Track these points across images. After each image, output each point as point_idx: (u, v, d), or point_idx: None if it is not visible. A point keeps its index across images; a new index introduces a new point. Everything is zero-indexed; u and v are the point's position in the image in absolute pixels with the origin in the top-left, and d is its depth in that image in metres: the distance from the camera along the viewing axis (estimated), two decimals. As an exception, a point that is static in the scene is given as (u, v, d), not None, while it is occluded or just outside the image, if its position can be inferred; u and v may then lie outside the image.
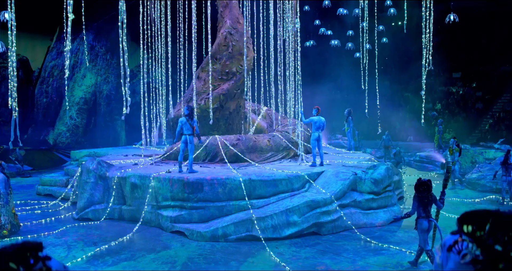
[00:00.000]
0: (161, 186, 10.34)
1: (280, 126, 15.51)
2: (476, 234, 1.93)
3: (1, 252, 1.82)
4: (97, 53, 29.66)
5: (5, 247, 1.84)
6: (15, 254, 1.86)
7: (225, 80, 14.34)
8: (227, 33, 14.49)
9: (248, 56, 14.30)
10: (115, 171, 11.41)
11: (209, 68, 14.03)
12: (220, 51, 14.50)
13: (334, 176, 10.90)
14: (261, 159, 12.98)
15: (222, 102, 14.19)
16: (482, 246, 1.89)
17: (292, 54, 13.37)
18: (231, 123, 14.63)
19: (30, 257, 1.89)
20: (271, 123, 16.27)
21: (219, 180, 10.11)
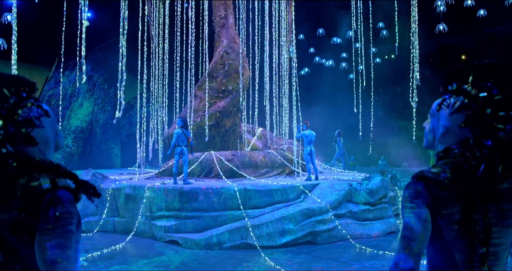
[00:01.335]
0: (155, 196, 10.26)
1: (275, 145, 15.59)
2: (461, 89, 1.96)
3: None
4: (95, 83, 29.92)
5: (1, 73, 1.82)
6: (9, 82, 1.83)
7: (221, 98, 14.51)
8: (223, 52, 14.76)
9: (244, 75, 14.53)
10: (110, 183, 11.35)
11: (205, 86, 14.22)
12: (216, 70, 14.74)
13: (330, 187, 10.88)
14: (256, 175, 12.96)
15: (218, 119, 14.30)
16: (469, 97, 1.93)
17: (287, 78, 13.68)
18: (226, 141, 14.69)
19: (23, 91, 1.86)
20: (266, 143, 16.34)
21: (214, 189, 10.07)
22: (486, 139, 1.83)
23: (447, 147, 1.98)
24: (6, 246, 1.73)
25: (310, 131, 12.36)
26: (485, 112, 1.84)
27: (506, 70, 1.87)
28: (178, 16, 15.50)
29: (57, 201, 1.70)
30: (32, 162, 1.78)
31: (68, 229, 1.69)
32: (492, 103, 1.84)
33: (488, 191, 1.82)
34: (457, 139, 1.96)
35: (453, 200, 1.86)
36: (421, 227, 1.82)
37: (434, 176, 1.89)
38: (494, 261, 1.88)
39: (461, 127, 1.92)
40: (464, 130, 1.93)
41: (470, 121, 1.89)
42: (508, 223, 1.88)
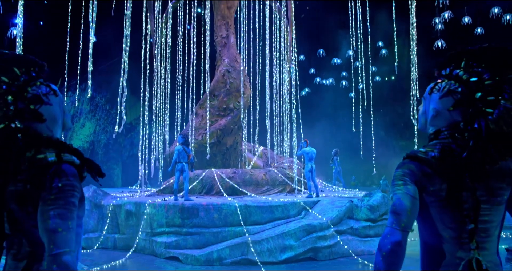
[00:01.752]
0: (156, 212, 10.25)
1: (276, 164, 15.62)
2: (453, 73, 2.03)
3: (7, 55, 1.88)
4: (97, 104, 30.15)
5: (13, 53, 1.90)
6: (20, 62, 1.91)
7: (223, 116, 14.62)
8: (225, 71, 14.94)
9: (245, 93, 14.67)
10: (111, 199, 11.34)
11: (207, 105, 14.35)
12: (218, 88, 14.90)
13: (330, 203, 10.87)
14: (257, 192, 12.96)
15: (219, 137, 14.38)
16: (460, 81, 2.00)
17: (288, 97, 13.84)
18: (227, 159, 14.73)
19: (33, 71, 1.95)
20: (267, 161, 16.37)
21: (214, 205, 10.06)
22: (474, 123, 1.90)
23: (437, 129, 2.06)
24: (12, 217, 1.81)
25: (310, 148, 12.42)
26: (474, 96, 1.91)
27: (497, 55, 1.94)
28: (180, 36, 15.75)
29: (61, 174, 1.78)
30: (39, 137, 1.87)
31: (70, 201, 1.76)
32: (482, 87, 1.92)
33: (475, 171, 1.88)
34: (447, 122, 2.03)
35: (441, 178, 1.92)
36: (409, 203, 1.91)
37: (423, 155, 1.97)
38: (485, 238, 1.93)
39: (450, 110, 2.00)
40: (453, 114, 2.01)
41: (459, 104, 1.98)
42: (497, 200, 1.95)
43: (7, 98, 1.83)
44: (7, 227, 1.84)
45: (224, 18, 15.69)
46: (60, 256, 1.67)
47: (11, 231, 1.85)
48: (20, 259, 1.85)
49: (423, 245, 2.07)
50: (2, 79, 1.83)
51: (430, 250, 2.02)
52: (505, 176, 1.96)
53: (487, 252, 1.94)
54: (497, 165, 1.92)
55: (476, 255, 1.87)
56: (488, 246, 1.95)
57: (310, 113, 22.77)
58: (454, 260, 1.92)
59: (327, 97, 24.44)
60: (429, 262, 2.02)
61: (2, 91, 1.82)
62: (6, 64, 1.86)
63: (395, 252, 1.84)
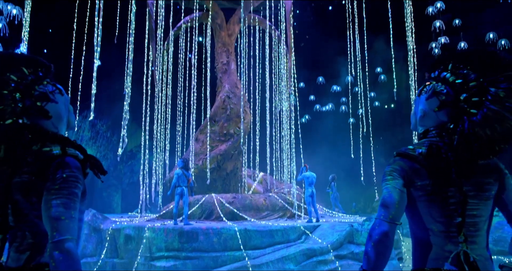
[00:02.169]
0: (155, 237, 10.20)
1: (276, 189, 15.61)
2: (441, 75, 2.13)
3: (17, 56, 1.98)
4: (98, 131, 30.30)
5: (22, 53, 1.99)
6: (28, 62, 2.02)
7: (223, 141, 14.71)
8: (225, 96, 15.13)
9: (246, 119, 14.80)
10: (110, 223, 11.30)
11: (207, 130, 14.46)
12: (218, 114, 15.05)
13: (331, 228, 10.83)
14: (257, 218, 12.91)
15: (220, 162, 14.42)
16: (446, 83, 2.09)
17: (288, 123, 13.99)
18: (228, 184, 14.73)
19: (40, 71, 2.05)
20: (267, 187, 16.35)
21: (214, 229, 10.03)
22: (458, 123, 2.01)
23: (426, 129, 2.17)
24: (17, 209, 1.89)
25: (310, 173, 12.47)
26: (460, 98, 2.01)
27: (482, 57, 2.03)
28: (181, 63, 15.98)
29: (65, 165, 1.87)
30: (45, 133, 1.97)
31: (73, 191, 1.84)
32: (467, 89, 2.02)
33: (462, 166, 1.97)
34: (435, 122, 2.13)
35: (428, 173, 2.02)
36: (397, 196, 2.01)
37: (411, 152, 2.09)
38: (474, 232, 2.00)
39: (435, 111, 2.11)
40: (439, 114, 2.11)
41: (443, 105, 2.08)
42: (485, 195, 2.03)
43: (15, 95, 1.93)
44: (11, 219, 1.90)
45: (225, 45, 15.98)
46: (63, 243, 1.73)
47: (15, 223, 1.91)
48: (22, 250, 1.90)
49: (414, 240, 2.14)
50: (11, 78, 1.93)
51: (420, 244, 2.08)
52: (492, 172, 2.05)
53: (476, 246, 2.00)
54: (483, 162, 2.01)
55: (464, 248, 1.93)
56: (478, 240, 2.01)
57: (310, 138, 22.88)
58: (443, 253, 1.98)
59: (327, 123, 24.58)
60: (420, 256, 2.07)
61: (11, 89, 1.93)
62: (15, 64, 1.97)
63: (382, 242, 1.93)
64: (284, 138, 14.98)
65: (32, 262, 1.89)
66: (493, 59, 2.02)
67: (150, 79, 14.21)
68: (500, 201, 2.10)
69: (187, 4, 16.55)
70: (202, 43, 17.23)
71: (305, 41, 25.48)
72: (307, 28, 24.35)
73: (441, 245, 2.01)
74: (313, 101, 24.31)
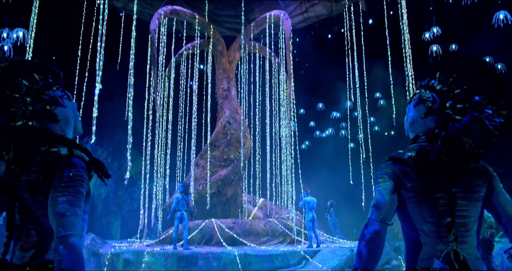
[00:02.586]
0: (154, 261, 10.14)
1: (276, 215, 15.56)
2: (429, 84, 2.23)
3: (29, 62, 2.09)
4: (99, 157, 30.30)
5: (34, 60, 2.09)
6: (39, 69, 2.13)
7: (223, 167, 14.75)
8: (226, 122, 15.26)
9: (246, 144, 14.89)
10: (109, 248, 11.23)
11: (207, 155, 14.53)
12: (219, 139, 15.15)
13: (331, 253, 10.76)
14: (257, 243, 12.83)
15: (220, 187, 14.42)
16: (434, 90, 2.20)
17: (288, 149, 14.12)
18: (228, 209, 14.69)
19: (50, 78, 2.16)
20: (267, 213, 16.29)
21: (214, 254, 9.98)
22: (443, 130, 2.10)
23: (416, 135, 2.27)
24: (23, 207, 1.97)
25: (311, 197, 12.48)
26: (445, 105, 2.13)
27: (467, 65, 2.15)
28: (182, 89, 16.17)
29: (71, 165, 1.96)
30: (53, 135, 2.06)
31: (79, 190, 1.93)
32: (452, 96, 2.13)
33: (450, 169, 2.07)
34: (423, 128, 2.24)
35: (417, 175, 2.12)
36: (387, 197, 2.11)
37: (401, 156, 2.20)
38: (464, 232, 2.07)
39: (422, 118, 2.22)
40: (427, 120, 2.22)
41: (429, 112, 2.19)
42: (474, 197, 2.11)
43: (26, 99, 2.05)
44: (17, 218, 1.98)
45: (226, 72, 16.22)
46: (67, 238, 1.80)
47: (21, 221, 1.99)
48: (27, 249, 1.97)
49: (407, 241, 2.21)
50: (22, 82, 2.05)
51: (412, 245, 2.15)
52: (480, 175, 2.14)
53: (467, 246, 2.06)
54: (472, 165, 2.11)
55: (455, 247, 2.00)
56: (468, 240, 2.08)
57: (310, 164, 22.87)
58: (434, 252, 2.05)
59: (327, 148, 24.65)
60: (412, 256, 2.14)
61: (22, 93, 2.04)
62: (27, 70, 2.09)
63: (374, 241, 2.02)
64: (284, 163, 15.08)
65: (36, 259, 1.95)
66: (475, 65, 2.13)
67: (152, 104, 14.35)
68: (489, 203, 2.18)
69: (188, 32, 16.87)
70: (203, 70, 17.52)
71: (305, 69, 25.83)
72: (307, 56, 24.73)
73: (432, 245, 2.07)
74: (313, 127, 24.42)
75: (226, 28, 18.13)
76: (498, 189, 2.18)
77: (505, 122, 2.05)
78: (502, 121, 2.05)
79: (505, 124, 2.05)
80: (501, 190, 2.18)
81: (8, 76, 2.03)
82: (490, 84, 2.08)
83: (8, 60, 2.06)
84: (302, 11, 17.30)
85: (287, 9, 16.48)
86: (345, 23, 16.43)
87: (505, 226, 2.14)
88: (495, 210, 2.17)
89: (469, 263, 1.98)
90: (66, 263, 1.76)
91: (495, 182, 2.18)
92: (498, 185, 2.19)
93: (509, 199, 2.17)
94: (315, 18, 17.90)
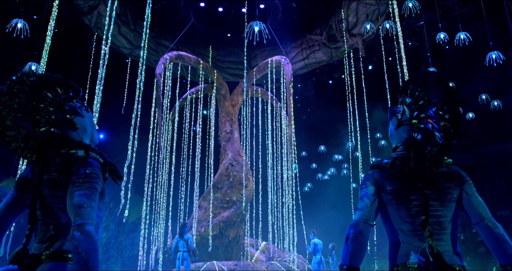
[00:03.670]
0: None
1: (279, 258, 15.44)
2: (404, 99, 2.52)
3: (53, 78, 2.36)
4: (100, 201, 30.24)
5: (57, 76, 2.32)
6: (62, 84, 2.39)
7: (226, 208, 14.82)
8: (228, 164, 15.45)
9: (248, 186, 15.00)
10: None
11: (210, 197, 14.63)
12: (221, 181, 15.29)
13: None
14: (259, 286, 12.69)
15: (222, 229, 14.42)
16: (405, 105, 2.49)
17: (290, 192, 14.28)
18: (230, 251, 14.61)
19: (71, 92, 2.42)
20: (269, 256, 16.17)
21: (215, 295, 9.88)
22: (410, 138, 2.40)
23: (396, 145, 2.54)
24: (44, 203, 2.23)
25: (318, 239, 12.61)
26: (413, 115, 2.43)
27: (426, 79, 2.44)
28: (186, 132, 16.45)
29: (88, 164, 2.23)
30: (71, 141, 2.33)
31: (94, 186, 2.18)
32: (416, 108, 2.42)
33: (423, 174, 2.33)
34: (399, 139, 2.52)
35: (394, 180, 2.39)
36: (368, 201, 2.37)
37: (379, 163, 2.49)
38: (439, 230, 2.30)
39: (396, 129, 2.52)
40: (401, 132, 2.50)
41: (400, 124, 2.49)
42: (448, 198, 2.36)
43: (50, 109, 2.32)
44: (39, 213, 2.24)
45: (229, 115, 16.59)
46: (84, 226, 2.01)
47: (41, 217, 2.24)
48: (45, 241, 2.21)
49: (389, 241, 2.44)
50: (47, 95, 2.33)
51: (394, 244, 2.39)
52: (453, 178, 2.39)
53: (443, 243, 2.28)
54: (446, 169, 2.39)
55: (430, 242, 2.21)
56: (444, 238, 2.31)
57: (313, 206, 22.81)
58: (412, 248, 2.27)
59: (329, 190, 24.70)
60: (394, 253, 2.37)
61: (47, 103, 2.31)
62: (51, 85, 2.37)
63: (357, 239, 2.25)
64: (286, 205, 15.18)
65: (53, 249, 2.17)
66: (436, 80, 2.42)
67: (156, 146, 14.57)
68: (461, 205, 2.40)
69: (192, 77, 17.40)
70: (206, 115, 17.92)
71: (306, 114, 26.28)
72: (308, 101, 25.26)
73: (410, 242, 2.30)
74: (315, 169, 24.61)
75: (229, 74, 18.70)
76: (470, 192, 2.40)
77: (450, 125, 2.32)
78: (446, 124, 2.33)
79: (449, 127, 2.32)
80: (474, 193, 2.41)
81: (35, 89, 2.30)
82: (443, 93, 2.36)
83: (36, 75, 2.35)
84: (303, 57, 17.88)
85: (289, 55, 17.05)
86: (345, 69, 16.94)
87: (477, 226, 2.34)
88: (467, 211, 2.39)
89: (445, 258, 2.17)
90: (82, 248, 1.95)
91: (467, 186, 2.41)
92: (470, 189, 2.41)
93: (481, 201, 2.40)
94: (316, 64, 18.46)
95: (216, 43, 18.29)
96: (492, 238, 2.27)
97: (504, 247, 2.22)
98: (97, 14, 14.79)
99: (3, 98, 2.25)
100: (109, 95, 14.20)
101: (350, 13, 15.52)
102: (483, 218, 2.32)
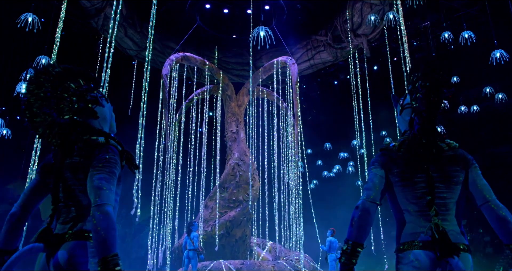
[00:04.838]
0: (163, 301, 10.13)
1: (285, 258, 15.50)
2: (408, 89, 2.67)
3: (76, 70, 2.50)
4: (107, 203, 30.38)
5: (79, 68, 2.46)
6: (83, 75, 2.54)
7: (232, 208, 14.92)
8: (235, 164, 15.57)
9: (254, 186, 15.10)
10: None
11: (216, 197, 14.73)
12: (228, 181, 15.40)
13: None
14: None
15: (228, 229, 14.52)
16: (408, 91, 2.67)
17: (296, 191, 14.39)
18: (236, 251, 14.70)
19: (92, 83, 2.57)
20: (276, 256, 16.23)
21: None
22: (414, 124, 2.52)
23: (404, 130, 2.67)
24: (66, 185, 2.40)
25: (333, 238, 12.81)
26: (412, 102, 2.58)
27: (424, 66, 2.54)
28: (192, 133, 16.57)
29: (108, 150, 2.39)
30: (93, 128, 2.50)
31: (113, 171, 2.34)
32: (414, 91, 2.57)
33: (429, 156, 2.44)
34: (405, 124, 2.65)
35: (401, 162, 2.51)
36: (377, 180, 2.50)
37: (387, 146, 2.63)
38: (445, 211, 2.41)
39: (400, 115, 2.68)
40: (404, 116, 2.65)
41: (402, 108, 2.66)
42: (453, 180, 2.47)
43: (73, 98, 2.47)
44: (61, 195, 2.40)
45: (235, 115, 16.71)
46: (103, 206, 2.15)
47: (63, 199, 2.40)
48: (67, 222, 2.38)
49: (396, 221, 2.54)
50: (70, 85, 2.47)
51: (400, 223, 2.50)
52: (459, 161, 2.51)
53: (448, 223, 2.39)
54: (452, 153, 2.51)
55: (436, 220, 2.32)
56: (449, 218, 2.41)
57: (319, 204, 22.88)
58: (418, 228, 2.39)
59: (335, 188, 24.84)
60: (400, 233, 2.48)
61: (70, 93, 2.46)
62: (74, 76, 2.50)
63: (363, 217, 2.37)
64: (292, 204, 15.28)
65: (74, 228, 2.32)
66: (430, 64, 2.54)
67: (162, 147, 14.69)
68: (467, 187, 2.50)
69: (198, 79, 17.53)
70: (213, 116, 18.05)
71: (312, 114, 26.39)
72: (314, 101, 25.36)
73: (416, 222, 2.41)
74: (321, 166, 24.81)
75: (234, 75, 18.82)
76: (475, 175, 2.51)
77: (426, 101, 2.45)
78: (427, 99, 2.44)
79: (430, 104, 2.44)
80: (479, 176, 2.51)
81: (60, 79, 2.44)
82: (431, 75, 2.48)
83: (60, 67, 2.48)
84: (309, 58, 17.96)
85: (294, 56, 17.14)
86: (350, 69, 17.01)
87: (482, 208, 2.44)
88: (472, 193, 2.49)
89: (450, 237, 2.28)
90: (101, 226, 2.09)
91: (473, 169, 2.52)
92: (476, 172, 2.52)
93: (486, 184, 2.50)
94: (321, 65, 18.54)
95: (222, 45, 18.43)
96: (496, 219, 2.36)
97: (508, 227, 2.32)
98: (104, 16, 14.96)
99: (31, 87, 2.39)
100: (116, 97, 14.34)
101: (354, 14, 15.59)
102: (488, 200, 2.42)
